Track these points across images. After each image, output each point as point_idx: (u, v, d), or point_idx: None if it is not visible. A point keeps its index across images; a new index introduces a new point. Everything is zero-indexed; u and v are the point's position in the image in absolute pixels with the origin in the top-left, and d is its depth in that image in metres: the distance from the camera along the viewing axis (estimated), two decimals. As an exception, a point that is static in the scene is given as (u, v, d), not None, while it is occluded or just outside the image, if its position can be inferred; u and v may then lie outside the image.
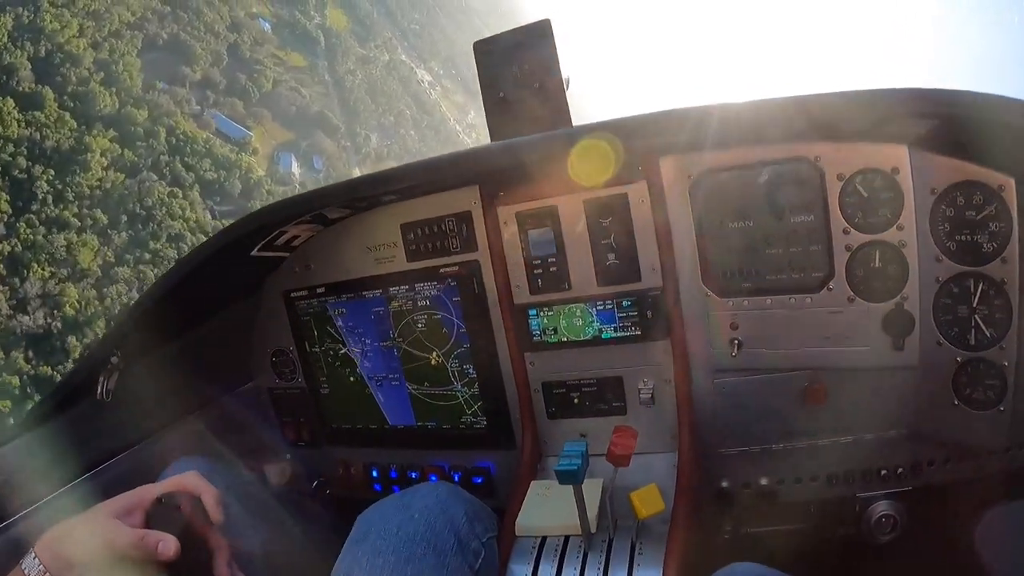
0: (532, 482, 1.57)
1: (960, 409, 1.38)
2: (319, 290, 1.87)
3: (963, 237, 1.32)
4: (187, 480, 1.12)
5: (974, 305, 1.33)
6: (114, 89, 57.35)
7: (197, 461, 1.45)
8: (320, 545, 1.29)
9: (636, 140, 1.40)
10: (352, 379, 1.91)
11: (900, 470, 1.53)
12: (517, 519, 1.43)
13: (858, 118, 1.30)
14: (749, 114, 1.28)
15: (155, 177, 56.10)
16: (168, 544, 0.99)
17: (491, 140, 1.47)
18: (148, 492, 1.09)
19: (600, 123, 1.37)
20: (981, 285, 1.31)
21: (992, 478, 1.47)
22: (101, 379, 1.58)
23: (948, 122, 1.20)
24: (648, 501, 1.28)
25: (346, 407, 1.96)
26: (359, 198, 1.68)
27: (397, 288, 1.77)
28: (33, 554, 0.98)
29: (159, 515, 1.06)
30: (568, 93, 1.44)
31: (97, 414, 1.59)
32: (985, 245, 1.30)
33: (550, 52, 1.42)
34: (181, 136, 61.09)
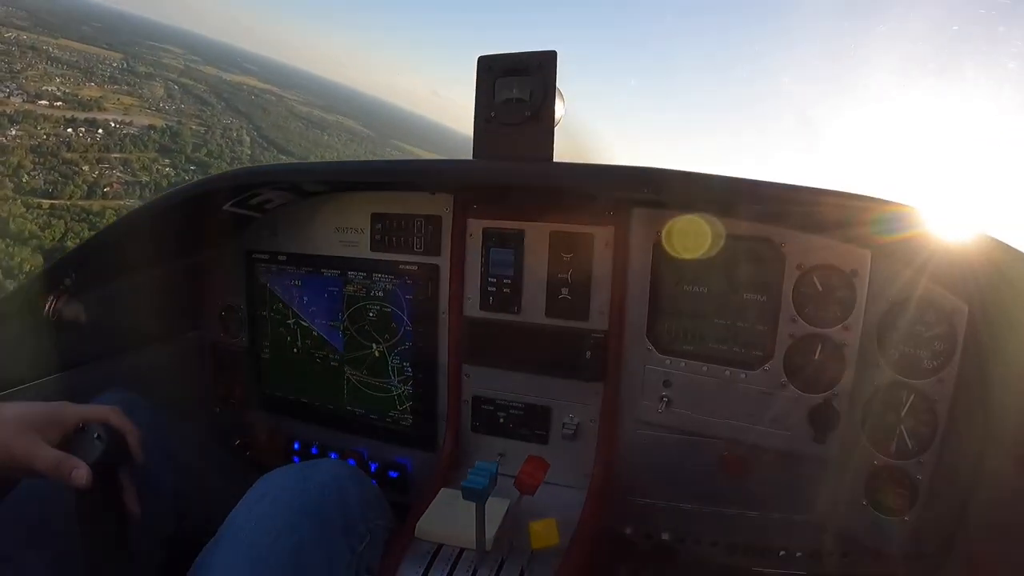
0: (442, 489, 1.59)
1: (868, 510, 1.42)
2: (281, 257, 1.88)
3: (907, 349, 1.35)
4: (112, 415, 1.12)
5: (902, 415, 1.36)
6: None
7: (124, 395, 1.46)
8: (228, 501, 1.30)
9: (611, 190, 1.42)
10: (295, 350, 1.92)
11: (799, 554, 1.57)
12: (419, 522, 1.46)
13: (824, 217, 1.33)
14: (724, 188, 1.30)
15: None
16: (81, 473, 1.00)
17: (474, 155, 1.47)
18: (68, 410, 1.09)
19: (581, 165, 1.39)
20: (913, 398, 1.35)
21: None
22: (51, 298, 1.57)
23: (913, 239, 1.23)
24: (543, 534, 1.30)
25: (282, 375, 1.97)
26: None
27: (355, 273, 1.78)
28: None
29: (78, 441, 1.06)
30: (558, 128, 1.44)
31: (38, 332, 1.58)
32: (926, 361, 1.33)
33: (549, 83, 1.41)
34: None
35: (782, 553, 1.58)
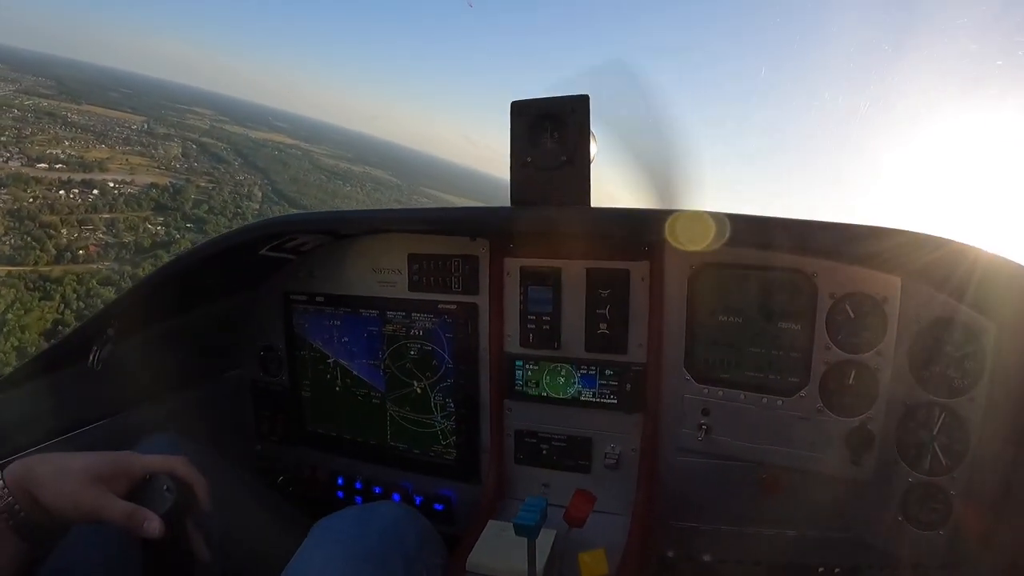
0: (490, 521, 1.62)
1: (904, 525, 1.46)
2: (318, 298, 1.92)
3: (938, 369, 1.38)
4: (178, 466, 1.14)
5: (935, 433, 1.40)
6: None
7: (171, 437, 1.49)
8: (276, 540, 1.34)
9: (647, 231, 1.46)
10: (337, 388, 1.95)
11: (837, 570, 1.60)
12: (470, 555, 1.49)
13: (856, 249, 1.37)
14: (756, 228, 1.34)
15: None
16: (154, 524, 1.03)
17: (511, 201, 1.51)
18: (135, 461, 1.11)
19: (617, 209, 1.43)
20: (945, 416, 1.38)
21: None
22: (95, 348, 1.61)
23: (940, 264, 1.27)
24: (593, 565, 1.34)
25: (324, 413, 2.01)
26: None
27: (394, 313, 1.82)
28: (2, 482, 0.98)
29: (148, 493, 1.08)
30: (593, 166, 1.47)
31: (83, 381, 1.63)
32: (957, 380, 1.36)
33: (583, 127, 1.44)
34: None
35: (821, 570, 1.61)
